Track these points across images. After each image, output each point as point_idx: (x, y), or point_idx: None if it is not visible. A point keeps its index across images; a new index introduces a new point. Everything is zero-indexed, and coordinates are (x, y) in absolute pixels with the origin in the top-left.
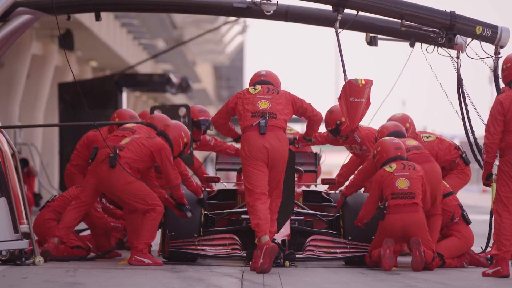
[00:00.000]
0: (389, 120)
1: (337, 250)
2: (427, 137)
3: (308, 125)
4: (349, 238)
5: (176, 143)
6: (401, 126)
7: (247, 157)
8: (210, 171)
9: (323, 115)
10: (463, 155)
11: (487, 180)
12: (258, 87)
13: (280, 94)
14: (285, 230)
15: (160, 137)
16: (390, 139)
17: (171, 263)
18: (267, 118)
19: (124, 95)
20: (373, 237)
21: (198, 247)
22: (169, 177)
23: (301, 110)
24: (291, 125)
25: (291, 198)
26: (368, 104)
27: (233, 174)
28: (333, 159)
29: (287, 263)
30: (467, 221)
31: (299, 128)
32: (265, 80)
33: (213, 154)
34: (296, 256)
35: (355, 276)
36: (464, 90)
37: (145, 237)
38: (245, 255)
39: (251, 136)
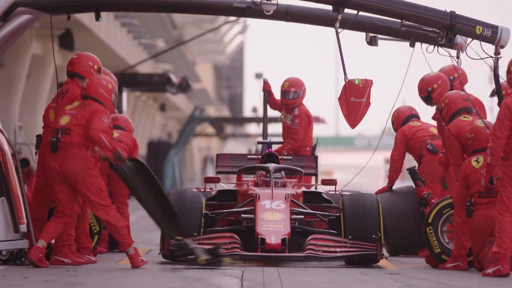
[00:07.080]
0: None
1: (338, 249)
2: None
3: None
4: (350, 237)
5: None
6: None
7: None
8: (210, 172)
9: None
10: None
11: (491, 184)
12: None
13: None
14: (285, 229)
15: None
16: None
17: (171, 263)
18: (59, 136)
19: (124, 95)
20: (374, 236)
21: (198, 246)
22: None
23: None
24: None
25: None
26: (368, 104)
27: (234, 174)
28: (333, 159)
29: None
30: None
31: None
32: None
33: (213, 155)
34: (297, 255)
35: (355, 276)
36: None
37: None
38: (245, 253)
39: (45, 156)
